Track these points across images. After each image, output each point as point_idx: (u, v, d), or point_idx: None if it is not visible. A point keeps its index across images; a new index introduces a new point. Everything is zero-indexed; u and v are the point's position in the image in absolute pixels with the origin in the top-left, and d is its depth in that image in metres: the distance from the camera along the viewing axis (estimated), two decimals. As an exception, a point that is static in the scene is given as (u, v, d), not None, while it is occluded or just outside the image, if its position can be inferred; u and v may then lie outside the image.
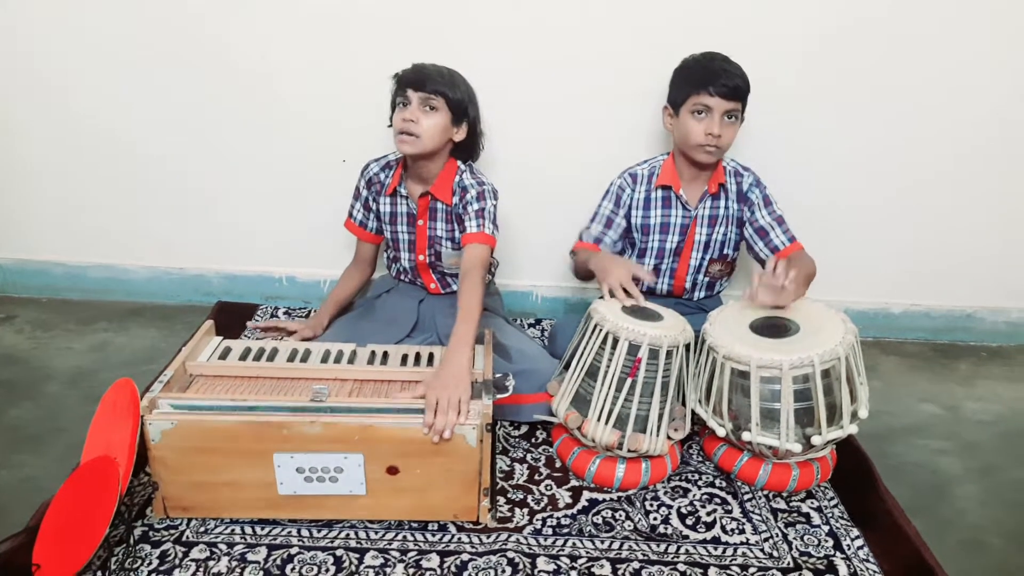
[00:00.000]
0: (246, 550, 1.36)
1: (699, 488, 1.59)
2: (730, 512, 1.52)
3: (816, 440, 1.45)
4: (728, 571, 1.37)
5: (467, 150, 1.80)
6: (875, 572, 1.38)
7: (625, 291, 1.61)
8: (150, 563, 1.32)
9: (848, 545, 1.44)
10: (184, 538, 1.38)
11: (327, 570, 1.32)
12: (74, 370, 1.96)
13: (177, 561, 1.33)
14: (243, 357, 1.54)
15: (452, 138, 1.74)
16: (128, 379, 1.39)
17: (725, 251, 1.90)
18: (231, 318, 2.17)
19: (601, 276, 1.65)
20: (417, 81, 1.66)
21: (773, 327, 1.55)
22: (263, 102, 2.11)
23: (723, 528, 1.48)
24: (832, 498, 1.58)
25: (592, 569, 1.35)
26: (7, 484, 1.53)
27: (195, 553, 1.35)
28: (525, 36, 2.02)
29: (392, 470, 1.37)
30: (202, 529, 1.40)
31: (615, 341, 1.49)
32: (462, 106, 1.70)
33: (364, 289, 2.01)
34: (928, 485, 1.68)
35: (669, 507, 1.53)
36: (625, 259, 1.85)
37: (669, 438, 1.55)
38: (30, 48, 2.06)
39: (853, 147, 2.13)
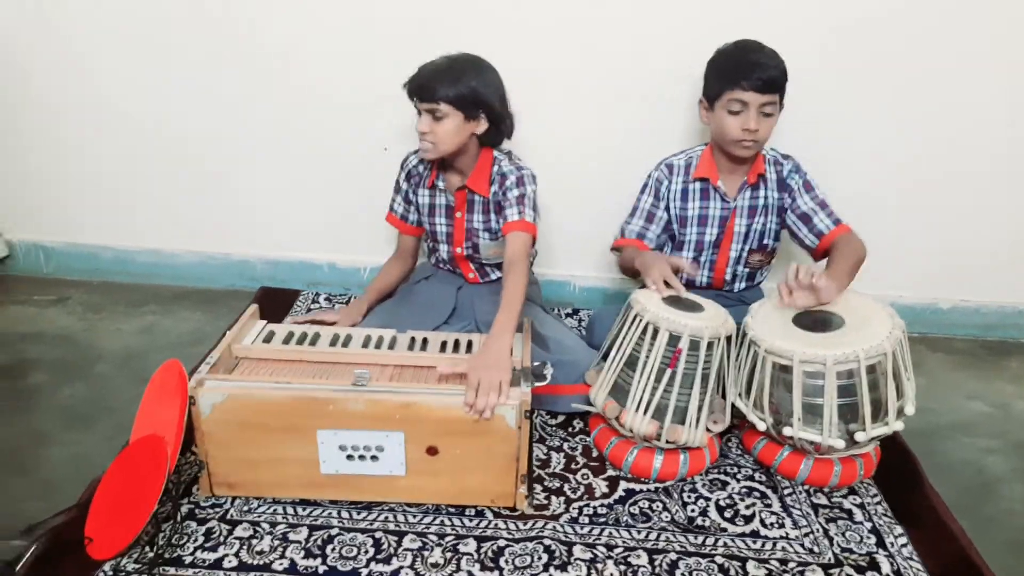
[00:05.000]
0: (288, 530, 1.39)
1: (738, 481, 1.58)
2: (769, 506, 1.51)
3: (860, 436, 1.43)
4: (767, 565, 1.35)
5: (495, 136, 1.74)
6: (919, 570, 1.35)
7: (666, 283, 1.59)
8: (196, 540, 1.35)
9: (891, 543, 1.42)
10: (228, 516, 1.41)
11: (366, 551, 1.34)
12: (123, 351, 2.01)
13: (222, 539, 1.36)
14: (287, 341, 1.57)
15: (474, 132, 1.70)
16: (176, 360, 1.42)
17: (765, 241, 1.86)
18: (274, 303, 2.21)
19: (644, 273, 1.64)
20: (419, 92, 1.63)
21: (817, 321, 1.52)
22: (306, 91, 2.13)
23: (762, 522, 1.46)
24: (875, 495, 1.55)
25: (628, 559, 1.35)
26: (59, 461, 1.58)
27: (239, 531, 1.38)
28: (566, 22, 2.01)
29: (432, 450, 1.39)
30: (245, 508, 1.43)
31: (655, 331, 1.48)
32: (473, 102, 1.64)
33: (405, 280, 2.02)
34: (974, 484, 1.64)
35: (707, 499, 1.52)
36: (666, 254, 1.82)
37: (708, 430, 1.53)
38: (71, 34, 2.10)
39: (900, 138, 2.08)
